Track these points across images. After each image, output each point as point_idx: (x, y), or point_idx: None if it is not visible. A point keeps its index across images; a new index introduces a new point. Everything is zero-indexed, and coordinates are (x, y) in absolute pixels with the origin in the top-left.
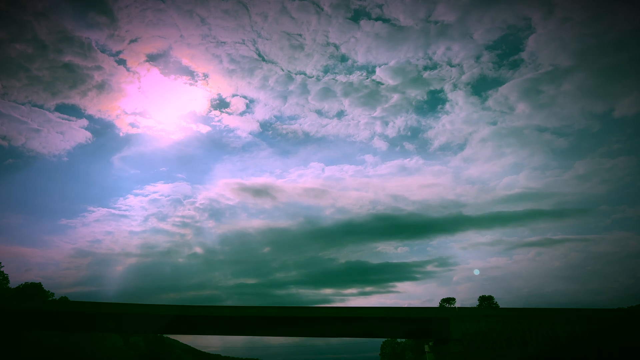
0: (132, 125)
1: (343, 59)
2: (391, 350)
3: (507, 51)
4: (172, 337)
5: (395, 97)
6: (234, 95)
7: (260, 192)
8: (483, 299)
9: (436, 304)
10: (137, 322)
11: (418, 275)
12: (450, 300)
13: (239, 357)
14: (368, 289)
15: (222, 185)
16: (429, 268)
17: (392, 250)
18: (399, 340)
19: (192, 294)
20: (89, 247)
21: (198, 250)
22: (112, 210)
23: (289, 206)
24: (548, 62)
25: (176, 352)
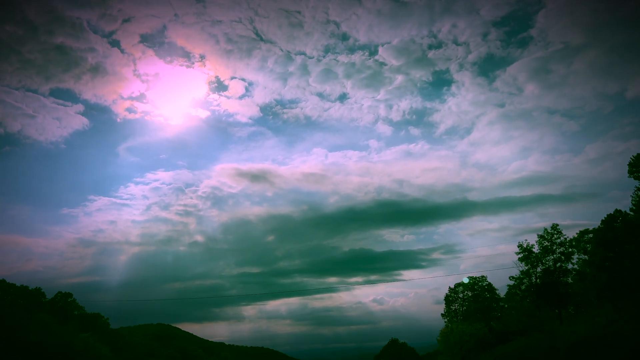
0: (130, 110)
1: (344, 37)
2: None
3: (515, 28)
4: (174, 325)
5: (399, 78)
6: (232, 78)
7: (261, 178)
8: None
9: (444, 292)
10: None
11: (424, 263)
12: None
13: (244, 345)
14: (373, 277)
15: (224, 173)
16: (435, 255)
17: (398, 238)
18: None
19: (197, 283)
20: (92, 236)
21: (201, 238)
22: (114, 199)
23: (291, 192)
24: (558, 40)
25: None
